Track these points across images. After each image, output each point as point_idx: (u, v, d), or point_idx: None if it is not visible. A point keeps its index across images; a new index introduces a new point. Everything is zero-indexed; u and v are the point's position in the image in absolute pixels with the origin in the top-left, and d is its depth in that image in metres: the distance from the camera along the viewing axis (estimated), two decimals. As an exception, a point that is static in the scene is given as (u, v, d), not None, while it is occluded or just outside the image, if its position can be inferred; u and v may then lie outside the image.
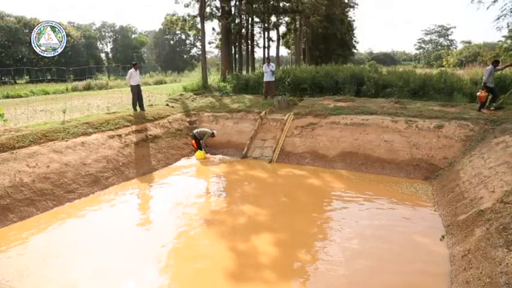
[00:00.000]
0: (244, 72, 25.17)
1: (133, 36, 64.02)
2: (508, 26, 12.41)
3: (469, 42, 60.24)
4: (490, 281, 4.50)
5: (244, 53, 30.01)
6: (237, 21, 23.69)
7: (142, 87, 13.65)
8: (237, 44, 27.32)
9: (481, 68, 22.76)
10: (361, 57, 62.59)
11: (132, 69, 12.54)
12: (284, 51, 56.01)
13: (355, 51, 44.22)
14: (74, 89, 25.38)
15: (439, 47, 75.10)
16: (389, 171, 10.09)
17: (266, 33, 29.21)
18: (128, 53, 58.77)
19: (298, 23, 29.51)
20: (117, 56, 60.23)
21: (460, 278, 5.05)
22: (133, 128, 11.51)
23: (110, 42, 64.85)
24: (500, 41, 24.15)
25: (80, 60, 45.77)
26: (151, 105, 14.21)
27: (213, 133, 12.16)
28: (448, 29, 77.66)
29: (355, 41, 41.72)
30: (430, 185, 9.26)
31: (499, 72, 13.44)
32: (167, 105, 14.59)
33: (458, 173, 8.79)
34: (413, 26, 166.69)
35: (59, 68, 41.14)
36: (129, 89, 12.94)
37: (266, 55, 27.92)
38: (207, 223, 7.22)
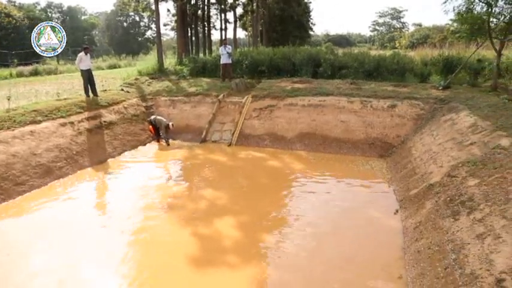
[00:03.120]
0: (201, 55, 24.73)
1: (83, 17, 60.81)
2: (454, 10, 12.86)
3: (420, 25, 62.32)
4: (438, 249, 4.79)
5: (200, 35, 29.43)
6: (192, 2, 23.10)
7: (95, 72, 13.05)
8: (193, 26, 26.72)
9: (430, 50, 23.67)
10: (317, 39, 62.99)
11: (82, 53, 11.93)
12: (241, 33, 55.58)
13: (312, 33, 44.38)
14: (19, 75, 23.74)
15: (392, 29, 77.12)
16: (346, 151, 10.41)
17: (223, 14, 28.78)
18: (78, 35, 55.79)
19: (255, 4, 29.19)
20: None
21: (412, 248, 5.34)
22: (87, 114, 11.03)
23: (57, 24, 61.21)
24: (448, 23, 25.18)
25: (25, 44, 42.80)
26: (105, 90, 13.66)
27: (168, 124, 11.75)
28: (400, 12, 79.80)
29: (311, 23, 41.86)
30: (384, 162, 9.64)
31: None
32: (122, 90, 14.07)
33: (410, 150, 9.20)
34: (368, 8, 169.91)
35: (0, 51, 38.32)
36: (80, 73, 12.35)
37: (223, 37, 27.53)
38: (167, 209, 7.15)
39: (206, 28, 28.07)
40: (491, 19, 12.31)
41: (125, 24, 64.65)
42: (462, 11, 12.76)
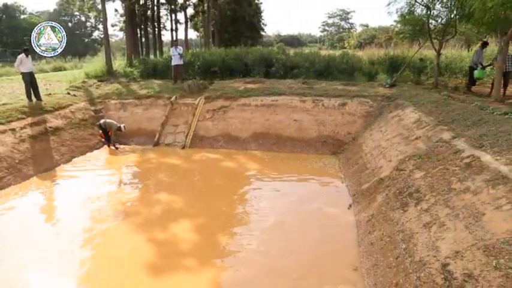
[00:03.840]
0: (152, 56, 24.16)
1: (22, 17, 57.17)
2: (397, 12, 13.55)
3: (367, 26, 64.83)
4: (389, 240, 4.97)
5: (151, 36, 28.75)
6: (141, 3, 22.50)
7: (38, 75, 12.35)
8: (142, 26, 26.04)
9: (377, 50, 24.66)
10: (269, 40, 63.69)
11: (23, 55, 11.22)
12: (193, 34, 54.93)
13: (263, 33, 44.76)
14: (-49, 78, 22.04)
15: (341, 30, 79.63)
16: (300, 149, 10.59)
17: (173, 15, 28.28)
18: (17, 36, 52.42)
19: (206, 5, 28.97)
20: (3, 40, 53.25)
21: (366, 240, 5.51)
22: (30, 120, 10.38)
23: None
24: (392, 24, 26.38)
25: (-43, 44, 39.64)
26: (50, 94, 12.95)
27: (119, 127, 11.36)
28: (348, 13, 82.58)
29: (263, 24, 42.22)
30: (337, 159, 9.91)
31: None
32: (68, 93, 13.42)
33: (361, 146, 9.51)
34: (318, 9, 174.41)
35: None
36: (21, 77, 11.63)
37: (174, 38, 27.08)
38: (121, 216, 6.88)
39: (156, 29, 27.46)
40: (430, 21, 13.04)
41: (69, 24, 61.77)
42: (404, 12, 13.43)
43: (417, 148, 6.93)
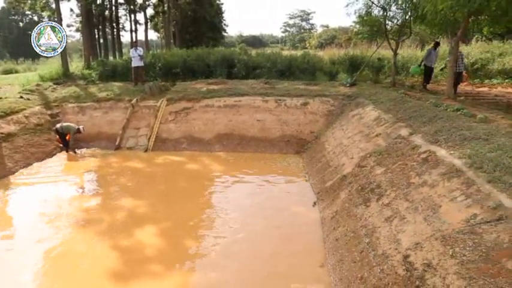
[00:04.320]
0: (111, 58, 23.51)
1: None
2: (355, 13, 13.96)
3: (327, 26, 66.32)
4: (353, 235, 5.09)
5: (109, 37, 27.98)
6: (98, 2, 21.81)
7: (-14, 78, 11.68)
8: (100, 27, 25.27)
9: (337, 50, 25.22)
10: (231, 40, 63.55)
11: (-31, 58, 10.64)
12: (153, 35, 53.93)
13: (225, 34, 44.64)
14: None
15: (302, 30, 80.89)
16: (264, 149, 10.65)
17: (132, 15, 27.66)
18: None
19: (166, 5, 28.54)
20: None
21: (331, 236, 5.61)
22: (-22, 126, 9.85)
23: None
24: (351, 25, 27.17)
25: None
26: (1, 98, 12.30)
27: (78, 129, 10.95)
28: (309, 14, 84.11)
29: (224, 24, 42.09)
30: (300, 157, 10.04)
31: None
32: (21, 97, 12.77)
33: (323, 144, 9.69)
34: (279, 10, 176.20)
35: None
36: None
37: (134, 39, 26.47)
38: (82, 223, 6.62)
39: (115, 29, 26.75)
40: (386, 22, 13.50)
41: (20, 24, 58.79)
42: (362, 14, 13.84)
43: (377, 145, 7.14)
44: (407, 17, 13.00)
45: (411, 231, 4.13)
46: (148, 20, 30.34)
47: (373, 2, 13.30)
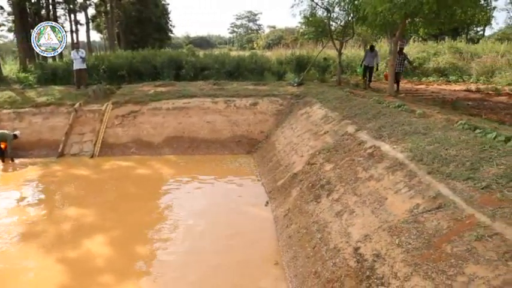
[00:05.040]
0: (50, 60, 22.27)
1: None
2: (300, 14, 14.36)
3: (274, 27, 67.20)
4: (306, 231, 5.19)
5: (47, 38, 26.47)
6: (33, 0, 20.54)
7: None
8: (36, 28, 23.82)
9: (284, 50, 25.68)
10: (178, 41, 62.52)
11: None
12: (96, 36, 51.91)
13: (172, 35, 43.88)
14: None
15: (250, 31, 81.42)
16: (215, 150, 10.60)
17: (72, 15, 26.40)
18: None
19: (109, 5, 27.55)
20: None
21: (284, 234, 5.68)
22: None
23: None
24: (297, 26, 27.86)
25: None
26: None
27: (14, 135, 10.28)
28: (255, 15, 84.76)
29: (171, 25, 41.35)
30: (251, 157, 10.10)
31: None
32: None
33: (274, 143, 9.81)
34: (226, 11, 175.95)
35: None
36: None
37: (75, 40, 25.28)
38: (24, 237, 6.17)
39: (53, 31, 25.36)
40: (331, 23, 13.96)
41: None
42: (307, 15, 14.20)
43: (326, 142, 7.34)
44: (349, 18, 13.52)
45: (360, 224, 4.28)
46: (90, 21, 29.13)
47: (317, 4, 13.70)
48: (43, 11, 22.79)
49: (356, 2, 12.66)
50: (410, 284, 3.03)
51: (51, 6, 23.93)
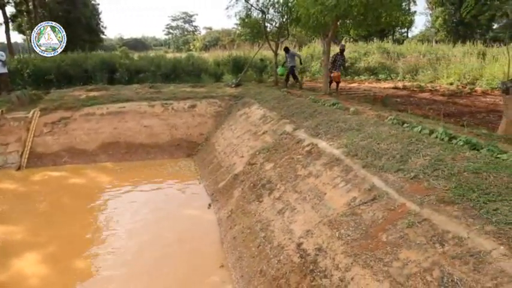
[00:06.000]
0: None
1: None
2: (236, 15, 14.46)
3: (211, 28, 67.07)
4: (250, 231, 5.21)
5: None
6: None
7: None
8: None
9: (221, 51, 25.69)
10: (111, 43, 60.06)
11: None
12: (18, 37, 48.29)
13: (104, 37, 42.06)
14: None
15: (186, 33, 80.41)
16: (154, 155, 10.30)
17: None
18: None
19: (31, 3, 25.72)
20: None
21: (228, 236, 5.65)
22: None
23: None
24: (234, 27, 28.03)
25: None
26: None
27: None
28: (191, 16, 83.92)
29: (102, 26, 39.59)
30: (192, 160, 9.96)
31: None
32: None
33: (214, 145, 9.75)
34: (161, 12, 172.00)
35: None
36: None
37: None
38: None
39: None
40: (266, 24, 14.18)
41: None
42: (243, 16, 14.32)
43: (265, 142, 7.44)
44: (284, 20, 13.83)
45: (302, 220, 4.39)
46: (10, 20, 26.99)
47: (252, 5, 13.85)
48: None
49: (290, 4, 13.01)
50: (351, 274, 3.16)
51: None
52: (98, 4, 37.55)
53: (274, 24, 14.50)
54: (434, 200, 3.26)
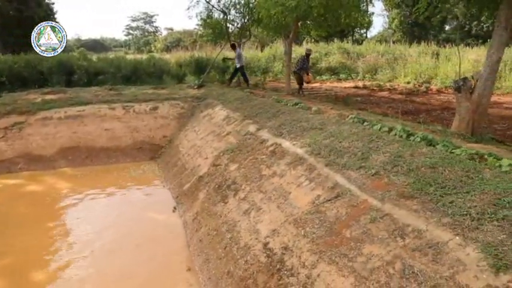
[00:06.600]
0: None
1: None
2: (197, 16, 14.36)
3: (172, 29, 66.10)
4: (216, 233, 5.18)
5: None
6: None
7: None
8: None
9: (183, 52, 25.41)
10: (69, 45, 57.88)
11: None
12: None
13: (59, 38, 40.58)
14: None
15: (147, 33, 78.76)
16: (116, 159, 10.04)
17: None
18: None
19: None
20: None
21: (195, 238, 5.60)
22: None
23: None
24: (196, 28, 27.80)
25: None
26: None
27: None
28: (152, 16, 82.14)
29: (57, 27, 38.19)
30: (155, 163, 9.79)
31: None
32: None
33: (177, 147, 9.63)
34: (120, 12, 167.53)
35: None
36: None
37: None
38: None
39: None
40: (228, 25, 14.16)
41: None
42: (204, 17, 14.23)
43: (229, 143, 7.42)
44: (245, 21, 13.87)
45: (268, 220, 4.41)
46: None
47: (213, 6, 13.80)
48: None
49: (251, 5, 13.06)
50: (317, 271, 3.21)
51: None
52: (53, 3, 36.05)
53: (235, 25, 14.53)
54: (395, 195, 3.38)
